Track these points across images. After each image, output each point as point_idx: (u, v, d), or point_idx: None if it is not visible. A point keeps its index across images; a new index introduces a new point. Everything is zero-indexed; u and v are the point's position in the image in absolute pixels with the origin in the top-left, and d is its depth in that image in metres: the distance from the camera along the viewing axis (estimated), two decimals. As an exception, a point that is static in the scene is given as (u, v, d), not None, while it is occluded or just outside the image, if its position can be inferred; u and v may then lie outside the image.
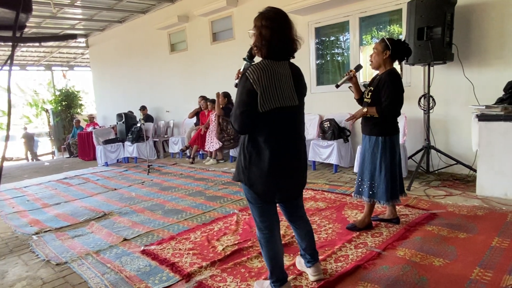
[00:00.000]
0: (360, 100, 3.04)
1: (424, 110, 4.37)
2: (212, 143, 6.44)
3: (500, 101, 3.86)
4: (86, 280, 2.45)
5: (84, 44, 11.56)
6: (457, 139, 4.47)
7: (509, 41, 3.98)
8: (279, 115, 1.76)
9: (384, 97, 2.72)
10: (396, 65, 2.89)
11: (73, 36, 5.98)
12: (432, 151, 4.39)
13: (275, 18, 1.77)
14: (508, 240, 2.55)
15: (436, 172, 4.52)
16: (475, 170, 4.03)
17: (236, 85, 1.86)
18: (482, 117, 3.49)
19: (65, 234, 3.40)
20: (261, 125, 1.75)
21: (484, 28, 4.11)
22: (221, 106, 6.30)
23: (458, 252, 2.43)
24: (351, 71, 2.95)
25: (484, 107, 3.55)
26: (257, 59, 1.90)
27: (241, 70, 1.86)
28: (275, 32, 1.74)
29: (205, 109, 6.99)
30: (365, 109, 2.85)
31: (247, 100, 1.71)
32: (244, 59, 1.90)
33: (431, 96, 4.28)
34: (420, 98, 4.42)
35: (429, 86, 4.24)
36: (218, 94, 6.20)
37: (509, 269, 2.16)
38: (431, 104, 4.31)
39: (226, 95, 6.44)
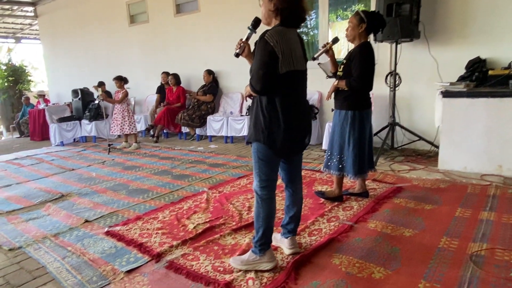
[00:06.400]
0: (336, 74, 3.00)
1: (390, 88, 4.44)
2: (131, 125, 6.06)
3: (461, 79, 4.01)
4: (44, 265, 2.25)
5: (32, 14, 10.53)
6: (420, 116, 4.62)
7: (471, 21, 4.10)
8: (293, 78, 1.88)
9: (353, 70, 2.70)
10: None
11: None
12: (396, 127, 4.51)
13: None
14: (470, 210, 2.67)
15: (399, 148, 4.67)
16: (436, 146, 4.19)
17: (236, 55, 1.98)
18: (446, 94, 3.60)
19: (18, 218, 3.12)
20: (278, 87, 1.85)
21: (449, 6, 4.20)
22: (206, 83, 6.37)
23: (425, 222, 2.51)
24: (327, 43, 2.89)
25: (448, 84, 3.65)
26: (259, 30, 1.96)
27: (244, 40, 1.96)
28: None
29: (173, 85, 6.69)
30: (335, 82, 2.83)
31: (270, 61, 1.80)
32: (249, 27, 1.98)
33: (398, 74, 4.35)
34: (387, 76, 4.48)
35: (395, 64, 4.30)
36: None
37: (473, 237, 2.26)
38: (397, 82, 4.38)
39: (210, 72, 6.33)
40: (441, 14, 4.26)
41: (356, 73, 2.68)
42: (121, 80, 6.01)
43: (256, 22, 1.97)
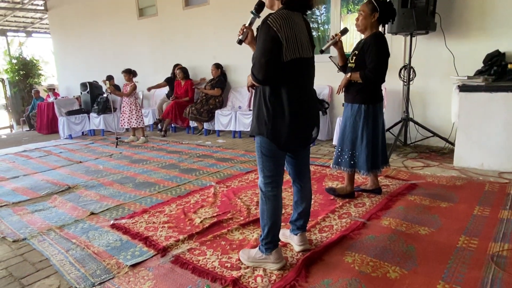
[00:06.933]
0: (344, 67, 2.89)
1: (404, 82, 4.30)
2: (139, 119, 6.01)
3: (479, 73, 3.85)
4: (48, 257, 2.20)
5: (42, 7, 10.56)
6: (434, 111, 4.47)
7: (490, 12, 3.93)
8: (298, 66, 1.75)
9: (368, 61, 2.58)
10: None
11: None
12: (410, 123, 4.37)
13: None
14: (488, 209, 2.55)
15: (412, 144, 4.53)
16: (451, 143, 4.06)
17: (239, 42, 1.87)
18: (464, 88, 3.46)
19: (23, 209, 3.09)
20: (282, 76, 1.72)
21: (467, -3, 4.04)
22: (214, 77, 6.24)
23: (441, 220, 2.40)
24: (336, 34, 2.78)
25: (466, 78, 3.51)
26: (263, 13, 1.83)
27: (247, 25, 1.84)
28: None
29: (181, 79, 6.63)
30: (348, 75, 2.72)
31: (273, 48, 1.66)
32: (252, 12, 1.85)
33: (412, 67, 4.21)
34: (400, 69, 4.34)
35: (410, 57, 4.16)
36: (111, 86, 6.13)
37: (494, 236, 2.14)
38: (411, 76, 4.24)
39: (218, 65, 6.24)
40: (459, 5, 4.10)
41: (372, 65, 2.57)
42: (129, 73, 5.96)
43: (259, 6, 1.82)
